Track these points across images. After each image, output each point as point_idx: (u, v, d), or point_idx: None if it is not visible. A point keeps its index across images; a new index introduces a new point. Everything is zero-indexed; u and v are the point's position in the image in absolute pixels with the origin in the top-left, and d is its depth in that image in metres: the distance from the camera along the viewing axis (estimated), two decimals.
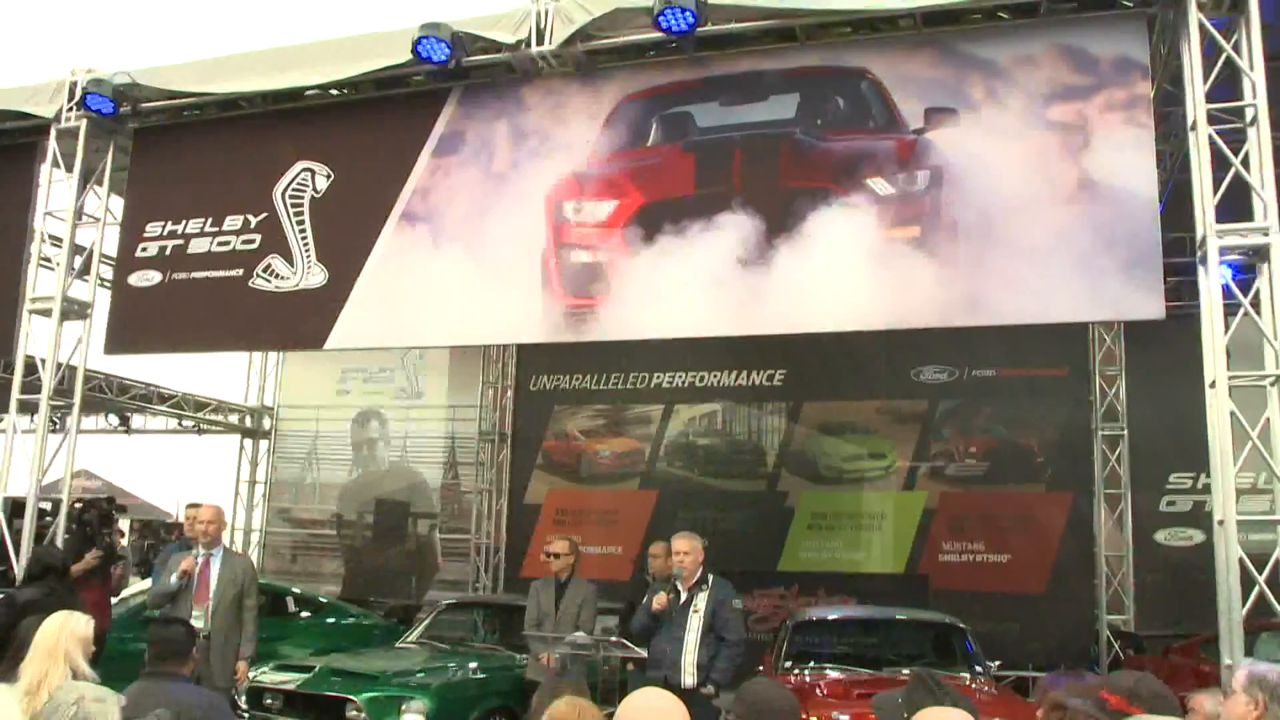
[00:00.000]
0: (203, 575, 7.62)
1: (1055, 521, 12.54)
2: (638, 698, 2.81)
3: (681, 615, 7.06)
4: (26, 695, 4.29)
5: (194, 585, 7.54)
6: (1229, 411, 6.08)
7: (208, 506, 8.03)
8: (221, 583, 7.60)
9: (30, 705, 4.06)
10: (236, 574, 7.72)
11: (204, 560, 7.68)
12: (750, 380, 13.83)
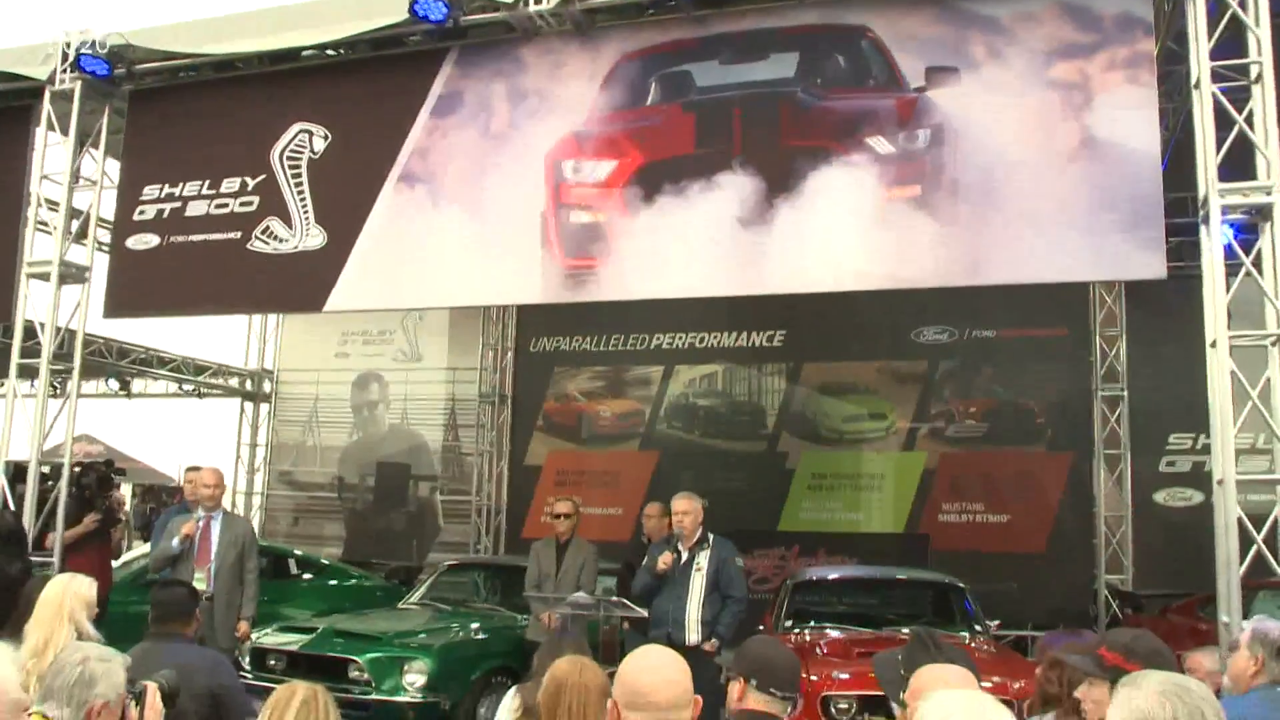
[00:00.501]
0: (204, 538, 7.67)
1: (1055, 482, 12.58)
2: (640, 655, 2.82)
3: (684, 574, 7.12)
4: (33, 656, 4.32)
5: (195, 548, 7.59)
6: (1229, 371, 6.06)
7: (208, 470, 8.07)
8: (222, 545, 7.66)
9: (37, 666, 4.09)
10: (237, 536, 7.77)
11: (205, 523, 7.72)
12: (750, 341, 13.82)
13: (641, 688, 2.67)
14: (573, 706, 3.36)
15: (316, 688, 3.19)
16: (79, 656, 3.28)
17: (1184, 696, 2.42)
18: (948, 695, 2.41)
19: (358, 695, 7.64)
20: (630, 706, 2.66)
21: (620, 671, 2.75)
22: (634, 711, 2.65)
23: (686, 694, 2.70)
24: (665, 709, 2.65)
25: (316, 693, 3.18)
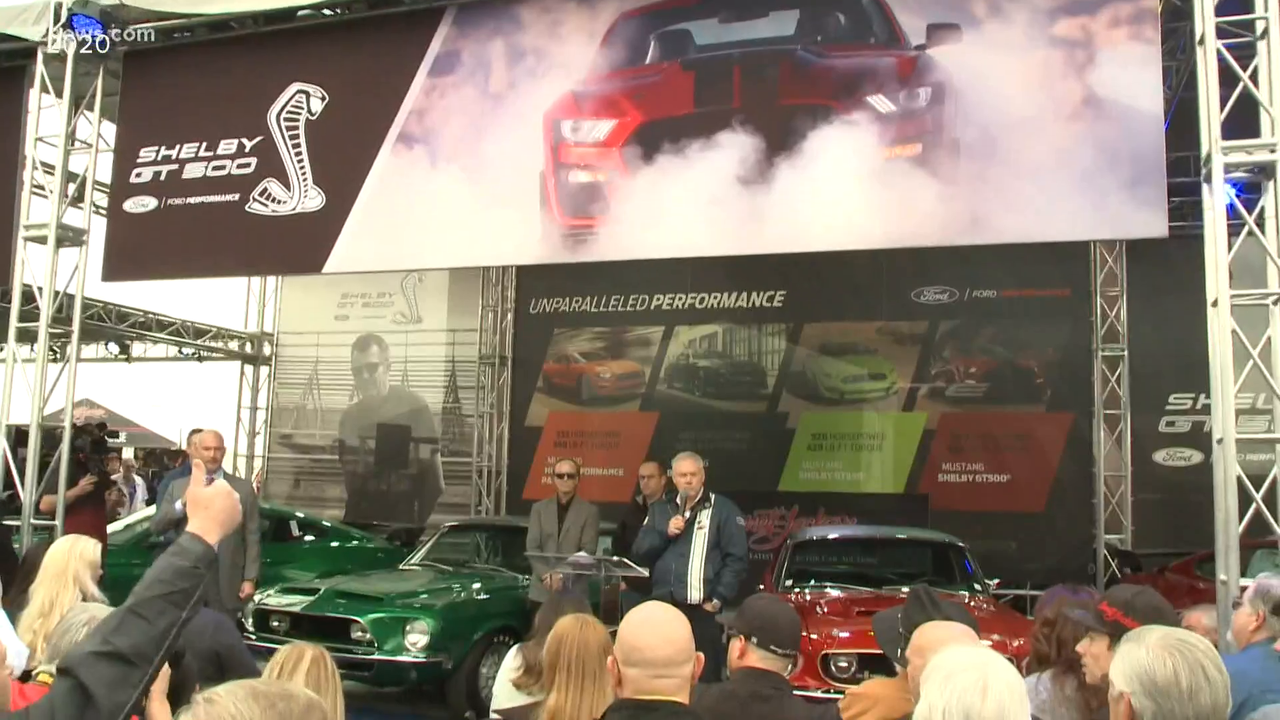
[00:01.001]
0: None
1: (1055, 442, 12.61)
2: (639, 612, 2.82)
3: (686, 532, 7.19)
4: (40, 617, 4.34)
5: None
6: (1230, 330, 6.05)
7: (209, 432, 8.05)
8: None
9: (43, 627, 4.11)
10: (240, 500, 7.75)
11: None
12: (750, 302, 13.79)
13: (639, 644, 2.66)
14: (572, 662, 3.39)
15: (321, 649, 3.20)
16: (85, 617, 3.29)
17: (1185, 651, 2.43)
18: (956, 650, 2.40)
19: (360, 655, 7.70)
20: (629, 663, 2.65)
21: (620, 628, 2.75)
22: (632, 668, 2.64)
23: (685, 651, 2.68)
24: (663, 665, 2.63)
25: (324, 653, 3.20)
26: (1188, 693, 2.35)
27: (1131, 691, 2.42)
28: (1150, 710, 2.38)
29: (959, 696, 2.19)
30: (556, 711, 3.34)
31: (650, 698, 2.60)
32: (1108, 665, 2.63)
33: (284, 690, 1.92)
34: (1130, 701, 2.42)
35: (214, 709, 1.83)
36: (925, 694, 2.27)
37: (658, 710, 2.59)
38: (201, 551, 2.42)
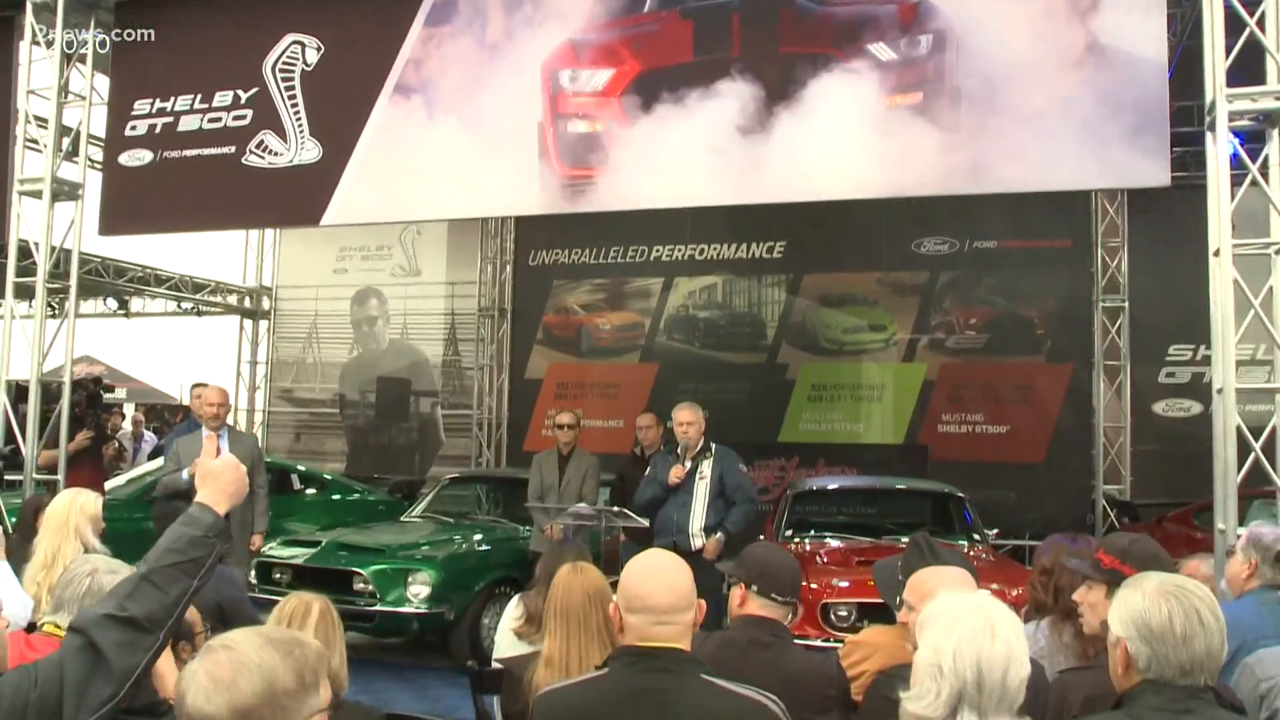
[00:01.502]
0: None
1: (1054, 393, 12.63)
2: (641, 559, 2.83)
3: (688, 482, 7.23)
4: (43, 570, 4.37)
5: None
6: (1232, 280, 6.03)
7: (213, 388, 8.02)
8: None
9: (46, 579, 4.13)
10: (245, 453, 7.49)
11: (213, 445, 7.63)
12: (750, 252, 13.74)
13: (641, 591, 2.66)
14: (560, 609, 3.42)
15: (326, 600, 3.21)
16: (88, 568, 3.30)
17: (1181, 597, 2.44)
18: (956, 596, 2.42)
19: (362, 607, 7.75)
20: (631, 610, 2.66)
21: (623, 575, 2.75)
22: (634, 614, 2.65)
23: (687, 598, 2.68)
24: (665, 612, 2.63)
25: (329, 604, 3.21)
26: (1182, 638, 2.37)
27: (1128, 636, 2.43)
28: (1145, 655, 2.39)
29: (969, 640, 2.20)
30: (550, 658, 3.37)
31: (652, 644, 2.61)
32: (1104, 613, 2.65)
33: (296, 638, 1.94)
34: (1126, 647, 2.43)
35: (234, 655, 1.84)
36: (928, 639, 2.28)
37: (659, 657, 2.60)
38: (212, 521, 2.48)
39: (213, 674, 1.81)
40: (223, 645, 1.85)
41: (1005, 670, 2.17)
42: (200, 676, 1.80)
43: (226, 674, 1.82)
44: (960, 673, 2.17)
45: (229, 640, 1.87)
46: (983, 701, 2.16)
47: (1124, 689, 2.49)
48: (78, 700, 2.18)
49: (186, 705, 1.79)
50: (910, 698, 2.24)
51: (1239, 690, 3.31)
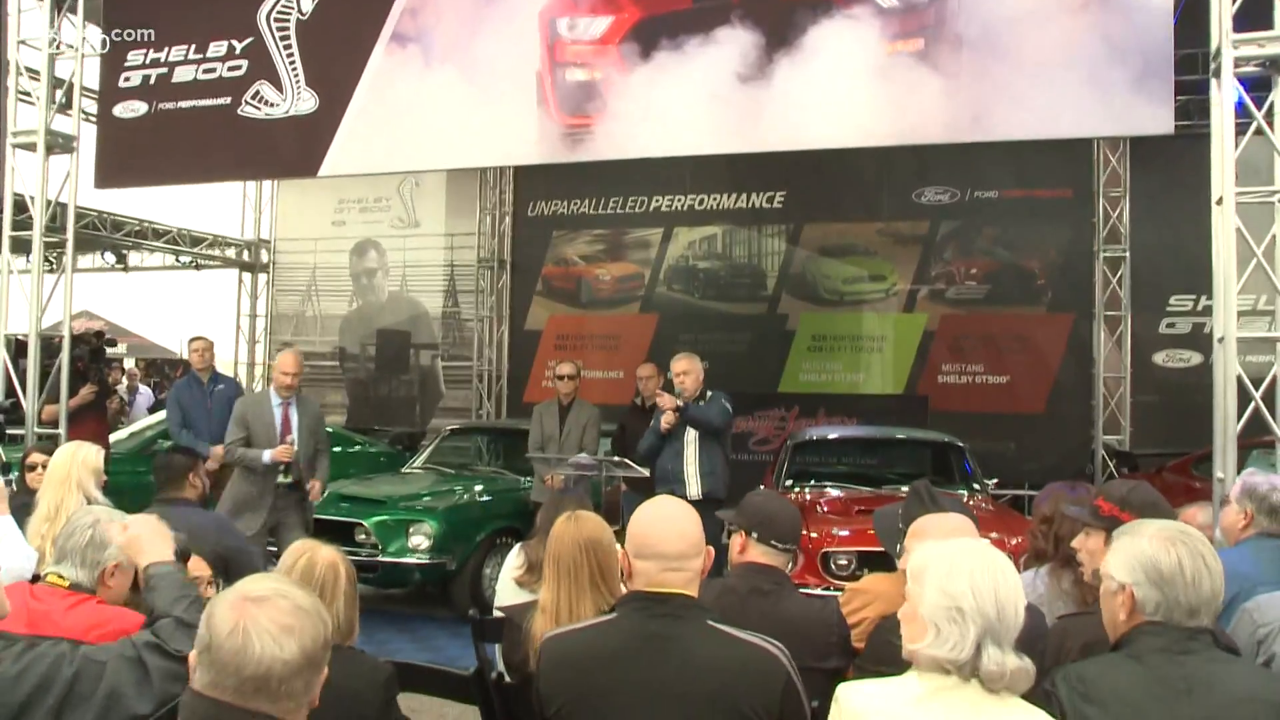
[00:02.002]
0: (285, 430, 7.35)
1: (1055, 343, 12.62)
2: (651, 506, 2.83)
3: (680, 430, 7.17)
4: (46, 522, 4.39)
5: (275, 440, 7.26)
6: (1235, 228, 6.00)
7: (288, 355, 7.62)
8: (303, 433, 7.36)
9: (50, 531, 4.14)
10: (313, 419, 7.55)
11: (284, 412, 7.38)
12: (750, 202, 13.67)
13: (650, 538, 2.66)
14: (551, 557, 3.43)
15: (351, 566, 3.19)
16: (89, 519, 3.31)
17: (1186, 541, 2.48)
18: (937, 544, 2.44)
19: (365, 558, 7.78)
20: (640, 556, 2.66)
21: (632, 521, 2.75)
22: (644, 561, 2.65)
23: (696, 546, 2.68)
24: (675, 559, 2.63)
25: (353, 571, 3.20)
26: (1191, 581, 2.42)
27: (1134, 582, 2.46)
28: (1155, 599, 2.43)
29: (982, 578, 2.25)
30: (544, 606, 3.38)
31: (661, 590, 2.62)
32: (1104, 559, 2.66)
33: (320, 610, 1.95)
34: (1133, 592, 2.46)
35: (294, 602, 1.89)
36: (933, 585, 2.29)
37: (668, 603, 2.61)
38: (173, 570, 2.75)
39: (279, 621, 1.83)
40: (278, 594, 1.88)
41: (1017, 604, 2.24)
42: (265, 623, 1.82)
43: (294, 620, 1.85)
44: (984, 610, 2.21)
45: (280, 589, 1.90)
46: (1002, 635, 2.21)
47: (1122, 633, 2.52)
48: (112, 703, 2.28)
49: (255, 654, 1.80)
50: (930, 645, 2.26)
51: (1236, 635, 3.33)
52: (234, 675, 1.79)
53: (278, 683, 1.80)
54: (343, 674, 2.86)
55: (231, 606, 1.85)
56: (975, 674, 2.23)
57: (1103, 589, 2.62)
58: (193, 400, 8.83)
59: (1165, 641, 2.42)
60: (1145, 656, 2.41)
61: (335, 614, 2.97)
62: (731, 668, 2.55)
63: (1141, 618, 2.47)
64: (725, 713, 2.51)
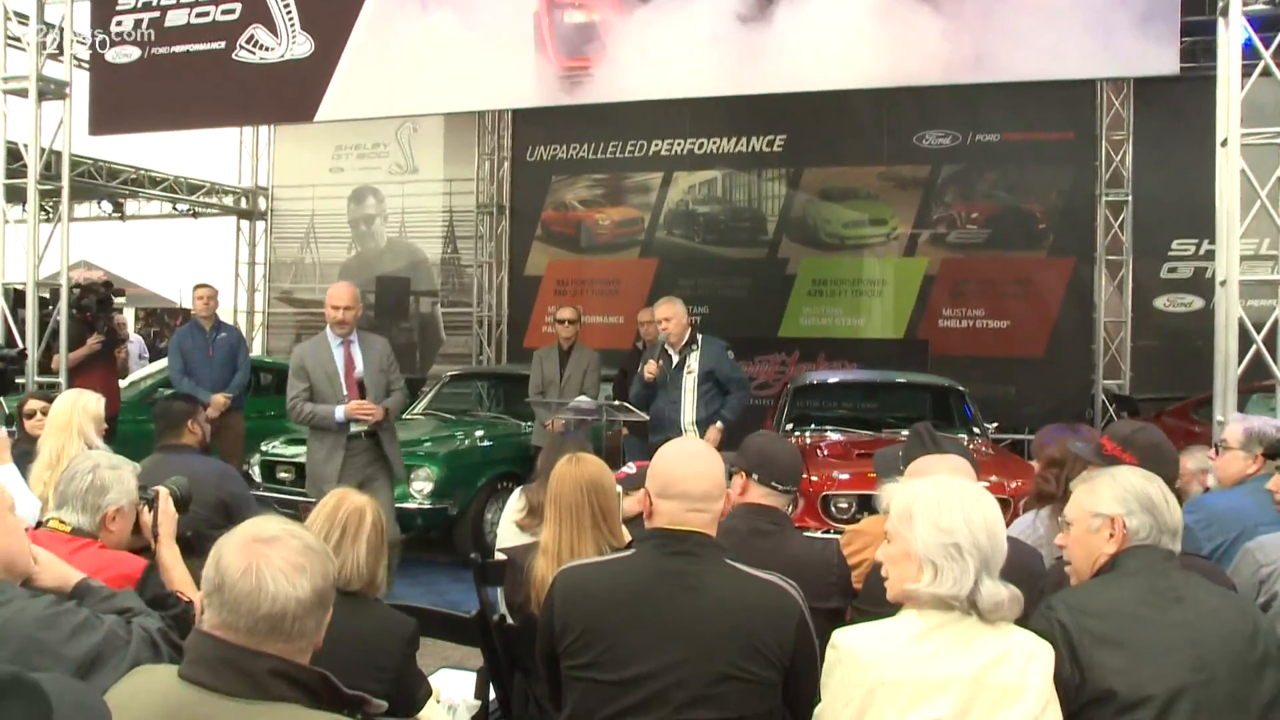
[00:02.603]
0: (349, 372, 6.44)
1: (1055, 287, 12.58)
2: (675, 445, 2.86)
3: (676, 378, 7.15)
4: (48, 469, 4.40)
5: (342, 388, 6.41)
6: (1239, 170, 5.96)
7: (341, 287, 6.70)
8: (371, 374, 6.50)
9: (52, 479, 4.15)
10: (381, 357, 6.64)
11: (345, 354, 6.49)
12: (750, 146, 13.56)
13: (679, 477, 2.66)
14: (552, 498, 3.44)
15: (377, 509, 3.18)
16: (89, 464, 3.31)
17: (1153, 478, 2.72)
18: (914, 484, 2.52)
19: None
20: (666, 495, 2.66)
21: (656, 460, 2.76)
22: (668, 500, 2.65)
23: (719, 487, 2.70)
24: (700, 500, 2.65)
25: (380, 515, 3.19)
26: (1169, 507, 2.64)
27: (1126, 511, 2.63)
28: (1147, 525, 2.62)
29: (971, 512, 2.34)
30: (545, 547, 3.40)
31: (681, 528, 2.63)
32: (1092, 495, 2.72)
33: (327, 550, 1.97)
34: (1124, 522, 2.62)
35: (303, 541, 1.90)
36: (923, 525, 2.34)
37: (686, 540, 2.62)
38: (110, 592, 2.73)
39: (290, 560, 1.84)
40: (287, 534, 1.89)
41: (1003, 533, 2.38)
42: (278, 563, 1.83)
43: (304, 559, 1.86)
44: (979, 543, 2.31)
45: (288, 529, 1.91)
46: (995, 566, 2.33)
47: (1104, 563, 2.66)
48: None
49: (270, 593, 1.81)
50: (930, 584, 2.30)
51: (1238, 574, 3.36)
52: (248, 616, 1.80)
53: (292, 621, 1.81)
54: (366, 626, 2.88)
55: (241, 548, 1.85)
56: (974, 607, 2.29)
57: (1079, 529, 2.71)
58: (194, 347, 8.83)
59: (1155, 559, 2.61)
60: (1138, 572, 2.59)
61: (356, 558, 2.99)
62: (748, 605, 2.57)
63: (1130, 544, 2.63)
64: (740, 649, 2.53)
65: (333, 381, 6.39)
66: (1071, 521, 2.74)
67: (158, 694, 1.83)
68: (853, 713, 2.35)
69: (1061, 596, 2.63)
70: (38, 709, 1.05)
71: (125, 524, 3.36)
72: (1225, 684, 2.43)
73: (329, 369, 6.40)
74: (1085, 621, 2.48)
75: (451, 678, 3.72)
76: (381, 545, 3.08)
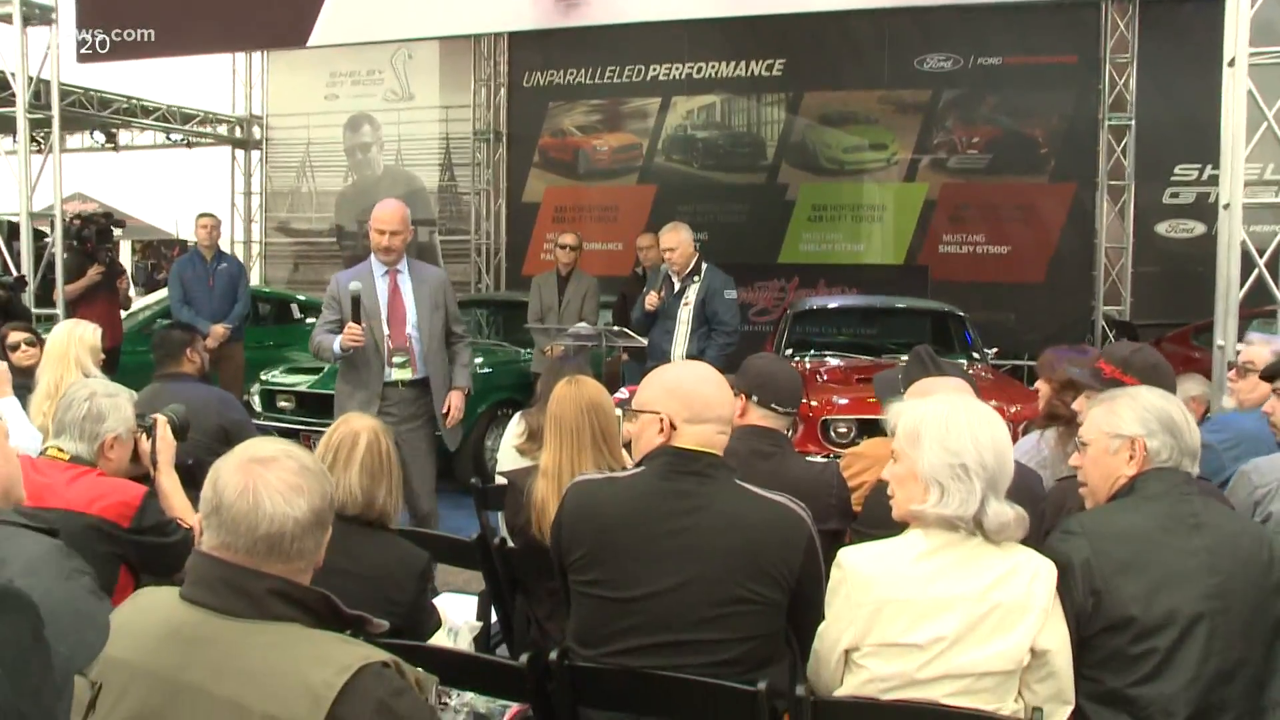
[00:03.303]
0: (395, 304, 5.48)
1: (1056, 213, 12.50)
2: (691, 369, 2.86)
3: (672, 307, 7.05)
4: (46, 400, 4.40)
5: (385, 321, 5.46)
6: (1246, 91, 5.89)
7: (390, 206, 5.61)
8: (422, 309, 5.53)
9: (51, 409, 4.15)
10: (434, 290, 5.63)
11: (390, 283, 5.51)
12: (749, 70, 13.37)
13: (706, 401, 2.66)
14: (553, 419, 3.44)
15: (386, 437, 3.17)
16: (86, 393, 3.31)
17: (1173, 398, 2.73)
18: (918, 404, 2.52)
19: None
20: (695, 420, 2.64)
21: (671, 386, 2.73)
22: (698, 425, 2.64)
23: (733, 409, 2.75)
24: (725, 422, 2.68)
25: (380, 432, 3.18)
26: (1189, 429, 2.62)
27: (1148, 433, 2.61)
28: (1169, 446, 2.60)
29: (978, 432, 2.36)
30: (545, 469, 3.40)
31: (692, 449, 2.62)
32: (1111, 414, 2.71)
33: (324, 470, 1.96)
34: (1145, 443, 2.60)
35: (300, 463, 1.89)
36: (929, 445, 2.34)
37: (698, 460, 2.61)
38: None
39: (287, 481, 1.84)
40: (284, 454, 1.88)
41: (1010, 453, 2.40)
42: (274, 483, 1.83)
43: (301, 479, 1.86)
44: (986, 464, 2.32)
45: (285, 450, 1.90)
46: (1001, 486, 2.35)
47: (1122, 484, 2.64)
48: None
49: (267, 513, 1.80)
50: (936, 504, 2.31)
51: (1234, 495, 3.38)
52: (246, 536, 1.80)
53: (290, 541, 1.81)
54: (380, 558, 2.89)
55: (238, 469, 1.85)
56: (979, 527, 2.30)
57: (1097, 450, 2.68)
58: (194, 277, 8.80)
59: (1175, 481, 2.59)
60: (1158, 497, 2.57)
61: (348, 481, 2.98)
62: (758, 526, 2.56)
63: (1150, 466, 2.61)
64: (747, 570, 2.53)
65: (373, 315, 5.38)
66: (1088, 442, 2.73)
67: (160, 615, 1.83)
68: (857, 631, 2.38)
69: (1080, 520, 2.62)
70: (27, 621, 1.04)
71: (123, 451, 3.37)
72: (1241, 611, 2.45)
73: (369, 299, 5.37)
74: (1105, 546, 2.49)
75: (453, 601, 3.74)
76: (382, 470, 3.06)
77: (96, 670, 1.71)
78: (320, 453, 2.97)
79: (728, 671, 2.49)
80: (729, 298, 7.11)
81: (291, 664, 1.73)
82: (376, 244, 5.50)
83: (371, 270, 5.52)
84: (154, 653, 1.78)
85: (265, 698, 1.70)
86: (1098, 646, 2.47)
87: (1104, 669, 2.48)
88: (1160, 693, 2.41)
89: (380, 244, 5.47)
